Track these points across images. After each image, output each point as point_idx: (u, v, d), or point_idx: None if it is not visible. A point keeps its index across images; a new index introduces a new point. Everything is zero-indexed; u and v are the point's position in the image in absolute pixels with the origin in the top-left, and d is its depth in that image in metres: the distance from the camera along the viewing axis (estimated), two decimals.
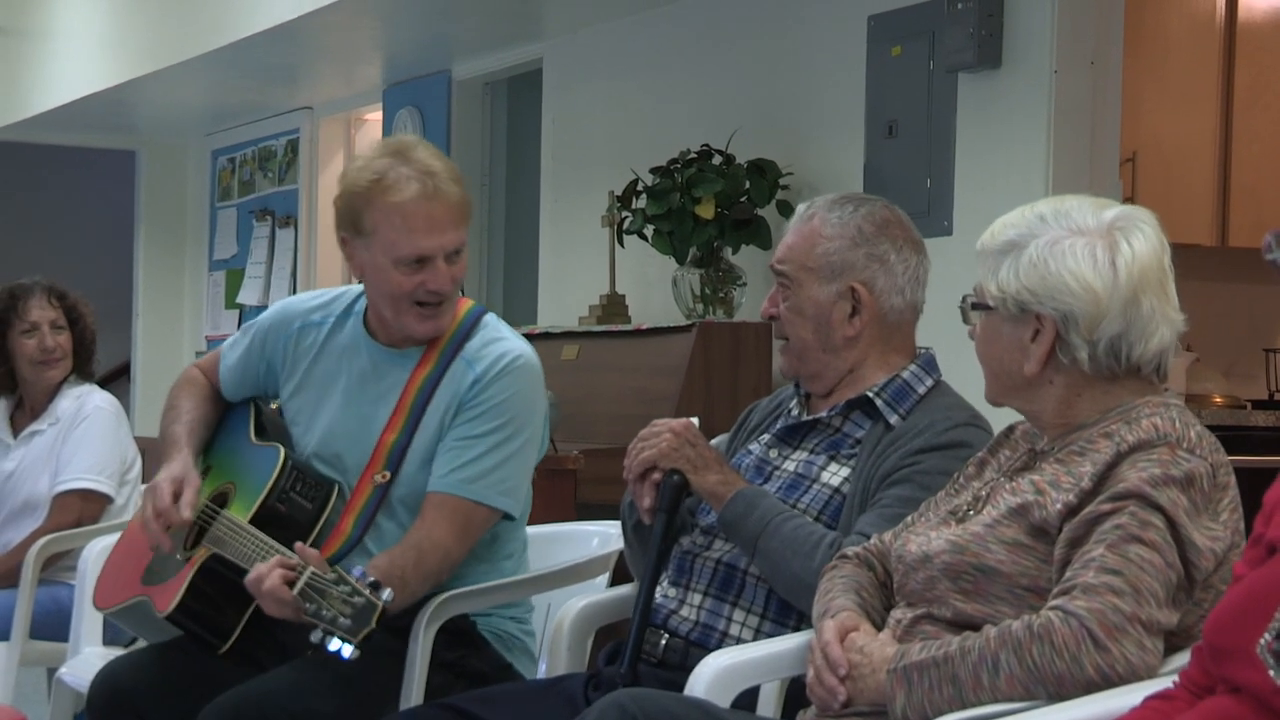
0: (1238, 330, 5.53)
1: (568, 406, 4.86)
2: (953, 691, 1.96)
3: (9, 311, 4.16)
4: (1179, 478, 1.99)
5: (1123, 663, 1.89)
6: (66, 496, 4.07)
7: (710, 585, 2.53)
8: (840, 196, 2.63)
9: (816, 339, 2.56)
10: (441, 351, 2.74)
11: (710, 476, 2.52)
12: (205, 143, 9.23)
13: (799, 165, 5.30)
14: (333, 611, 2.33)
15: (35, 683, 4.27)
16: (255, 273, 8.59)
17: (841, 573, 2.28)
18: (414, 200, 2.65)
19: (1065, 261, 2.09)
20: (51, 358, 4.15)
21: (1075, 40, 4.59)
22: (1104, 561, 1.94)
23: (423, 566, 2.61)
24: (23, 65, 8.77)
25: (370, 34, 6.81)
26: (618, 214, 5.56)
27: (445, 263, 2.69)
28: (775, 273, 2.60)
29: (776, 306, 2.60)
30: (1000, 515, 2.09)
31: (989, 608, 2.05)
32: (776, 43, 5.50)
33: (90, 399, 4.17)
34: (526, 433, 2.73)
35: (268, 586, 2.42)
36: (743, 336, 5.06)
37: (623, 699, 2.01)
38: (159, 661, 2.73)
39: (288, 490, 2.69)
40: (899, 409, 2.53)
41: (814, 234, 2.57)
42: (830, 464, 2.54)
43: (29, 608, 3.87)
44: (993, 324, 2.16)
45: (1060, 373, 2.12)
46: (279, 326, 2.89)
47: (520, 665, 2.82)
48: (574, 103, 6.42)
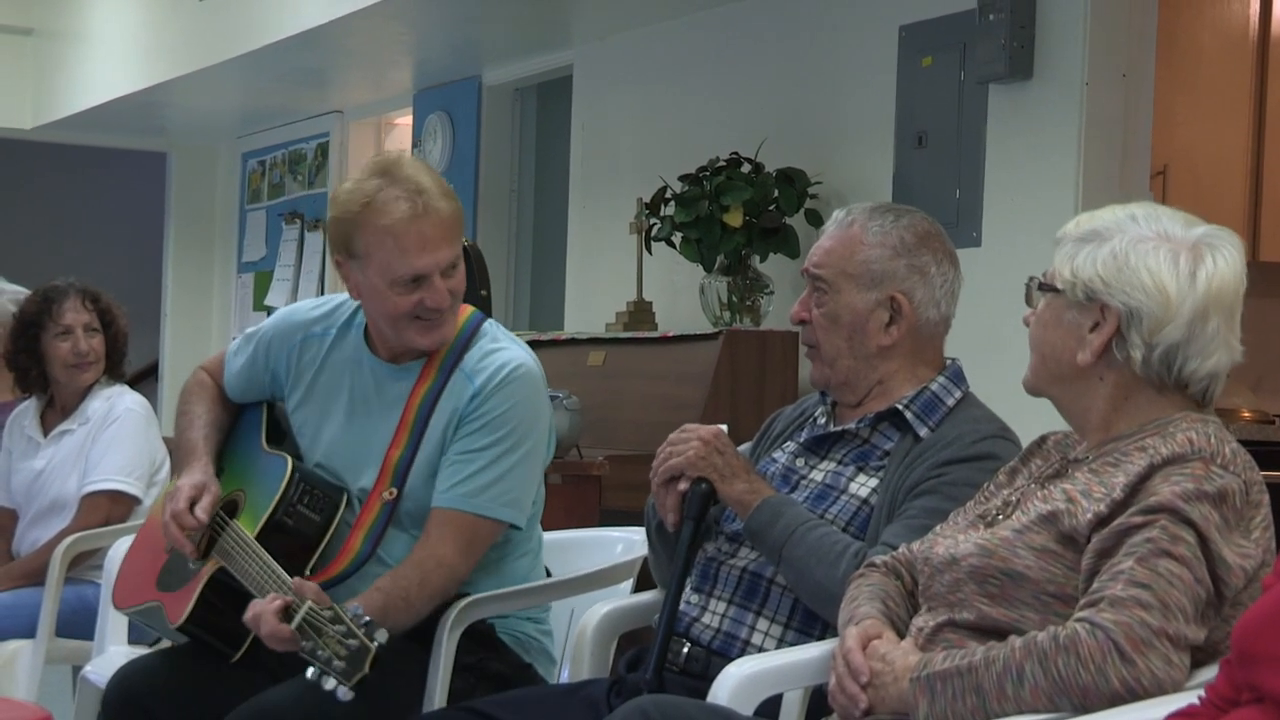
0: (1267, 344, 5.50)
1: (593, 412, 4.87)
2: (976, 701, 1.95)
3: (43, 314, 4.17)
4: (1212, 493, 1.98)
5: (1149, 676, 1.88)
6: (95, 497, 4.08)
7: (735, 593, 2.53)
8: (879, 206, 2.61)
9: (849, 346, 2.55)
10: (441, 364, 2.74)
11: (737, 485, 2.51)
12: (236, 145, 9.27)
13: (828, 174, 5.29)
14: (328, 653, 2.33)
15: (61, 681, 4.29)
16: (284, 275, 8.62)
17: (869, 581, 2.27)
18: (404, 221, 2.63)
19: (1146, 259, 2.07)
20: (84, 361, 4.17)
21: (1107, 52, 4.57)
22: (1133, 575, 1.93)
23: (428, 586, 2.62)
24: (56, 67, 8.83)
25: (400, 39, 6.83)
26: (646, 221, 5.56)
27: (441, 278, 2.68)
28: (811, 277, 2.58)
29: (808, 311, 2.58)
30: (1030, 521, 2.08)
31: (1014, 613, 2.05)
32: (807, 51, 5.50)
33: (121, 400, 4.18)
34: (529, 442, 2.73)
35: (266, 630, 2.44)
36: (769, 345, 5.05)
37: (645, 705, 2.01)
38: (172, 666, 2.75)
39: (294, 503, 2.70)
40: (928, 421, 2.52)
41: (855, 240, 2.55)
42: (859, 475, 2.53)
43: (55, 606, 3.88)
44: (1055, 308, 2.15)
45: (1111, 370, 2.11)
46: (282, 337, 2.89)
47: (540, 666, 2.83)
48: (603, 109, 6.42)
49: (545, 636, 2.88)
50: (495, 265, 6.72)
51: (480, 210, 7.27)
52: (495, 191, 7.32)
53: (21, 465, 4.21)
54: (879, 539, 2.42)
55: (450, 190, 2.72)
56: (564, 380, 4.98)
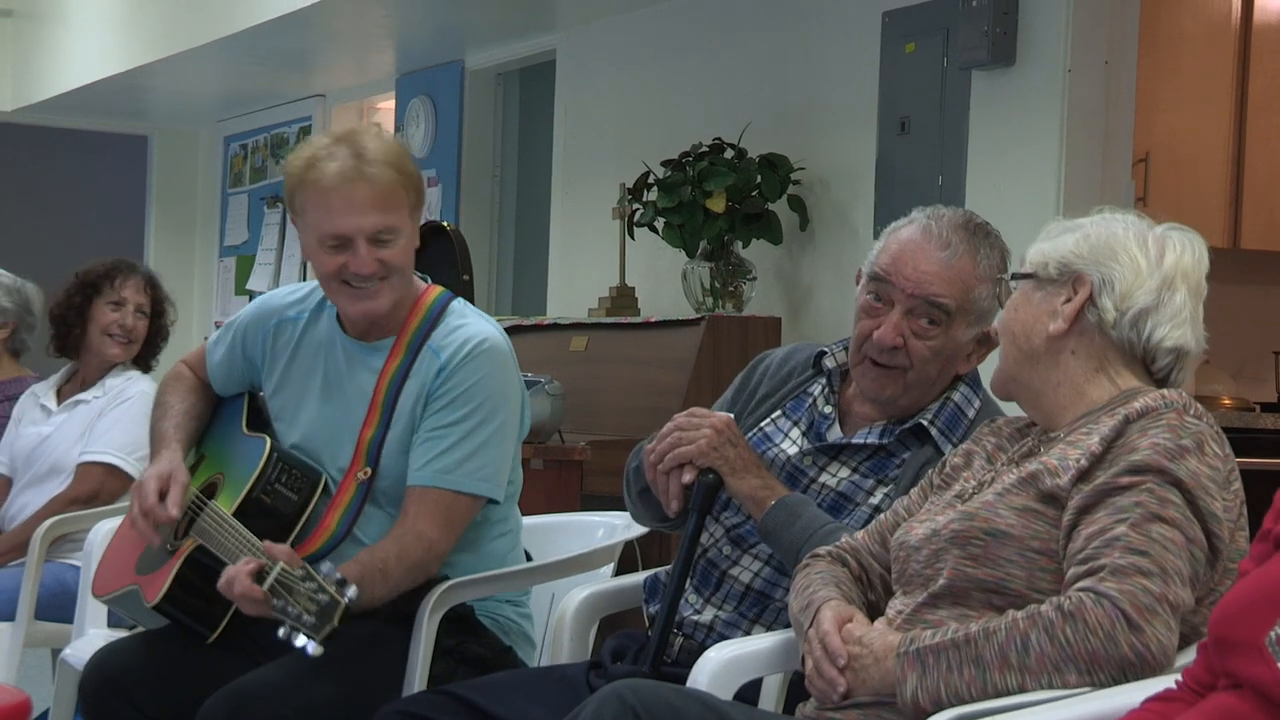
0: (1248, 332, 5.51)
1: (575, 398, 4.86)
2: (975, 672, 1.95)
3: (103, 280, 4.22)
4: (1190, 446, 2.01)
5: (1155, 643, 1.91)
6: (91, 466, 4.09)
7: (738, 606, 2.49)
8: (970, 224, 2.46)
9: (938, 375, 2.47)
10: (409, 342, 2.73)
11: (750, 480, 2.44)
12: (218, 129, 9.24)
13: (811, 160, 5.29)
14: (298, 608, 2.35)
15: (40, 664, 4.28)
16: (265, 259, 8.59)
17: (816, 569, 2.26)
18: (335, 180, 2.63)
19: (1117, 236, 2.16)
20: (125, 337, 4.20)
21: (1090, 39, 4.58)
22: (1129, 541, 1.95)
23: (405, 559, 2.61)
24: (37, 49, 8.79)
25: (383, 22, 6.81)
26: (628, 206, 5.56)
27: (370, 245, 2.65)
28: (928, 304, 2.41)
29: (901, 336, 2.43)
30: (1009, 485, 2.10)
31: (999, 571, 2.05)
32: (790, 37, 5.49)
33: (138, 383, 4.21)
34: (500, 415, 2.71)
35: (239, 590, 2.43)
36: (751, 330, 5.06)
37: (622, 690, 2.00)
38: (149, 648, 2.74)
39: (273, 482, 2.70)
40: (952, 437, 2.45)
41: (969, 274, 2.43)
42: (878, 488, 2.47)
43: (35, 588, 3.87)
44: (1026, 292, 2.20)
45: (1083, 339, 2.14)
46: (256, 324, 2.89)
47: (520, 650, 2.82)
48: (586, 94, 6.41)
49: (525, 620, 2.87)
50: (478, 250, 6.71)
51: (463, 195, 7.26)
52: (478, 176, 7.31)
53: (28, 430, 4.22)
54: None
55: (403, 163, 2.69)
56: (546, 365, 4.97)
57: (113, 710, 2.70)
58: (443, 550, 2.68)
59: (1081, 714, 1.87)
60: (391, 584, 2.60)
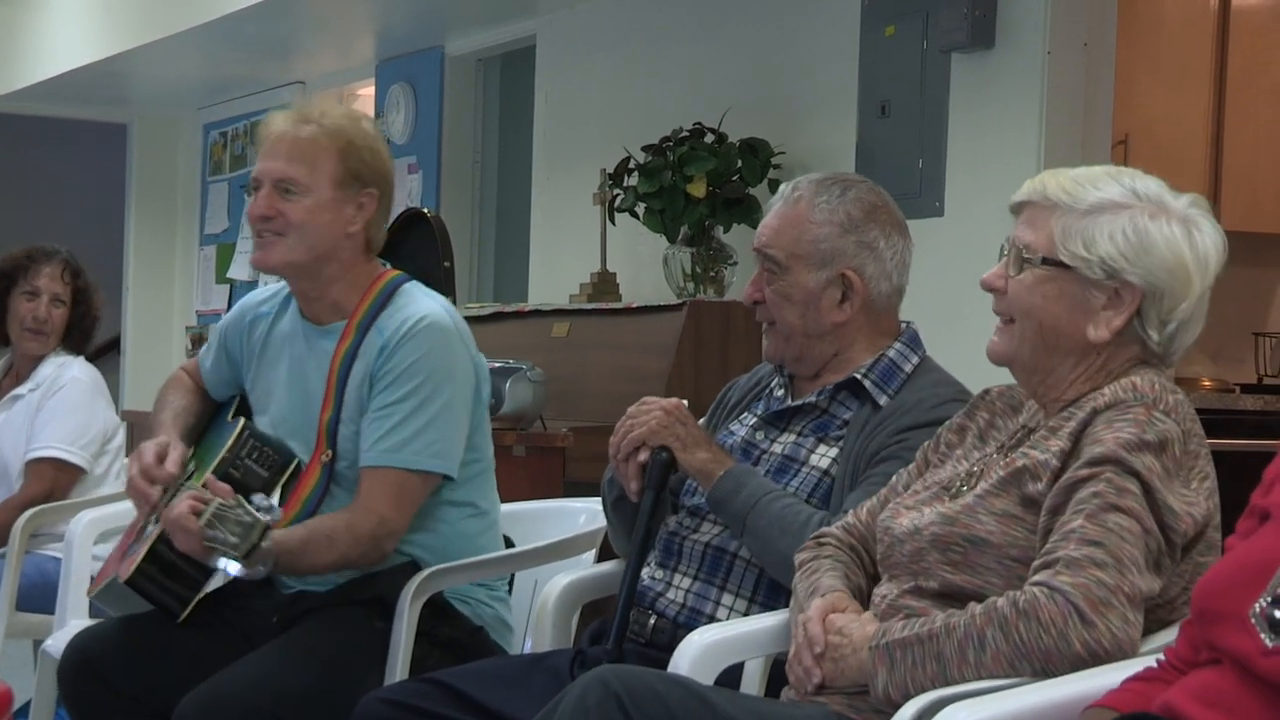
0: (1227, 314, 5.52)
1: (557, 384, 4.86)
2: (936, 669, 1.96)
3: (18, 270, 4.16)
4: (1153, 442, 1.98)
5: (1109, 637, 1.89)
6: (39, 465, 4.07)
7: (699, 569, 2.53)
8: (826, 178, 2.60)
9: (803, 324, 2.55)
10: (359, 324, 2.77)
11: (700, 454, 2.51)
12: (197, 116, 9.20)
13: (791, 145, 5.29)
14: (224, 533, 2.46)
15: (22, 655, 4.27)
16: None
17: (825, 553, 2.27)
18: (271, 132, 2.77)
19: (1164, 236, 2.06)
20: (39, 329, 4.15)
21: (1069, 22, 4.58)
22: (1084, 533, 1.93)
23: (355, 530, 2.65)
24: (14, 35, 8.74)
25: (363, 8, 6.79)
26: (609, 191, 5.55)
27: (272, 190, 2.72)
28: (763, 256, 2.58)
29: (760, 291, 2.59)
30: (992, 485, 2.08)
31: (978, 579, 2.05)
32: (770, 22, 5.49)
33: (69, 369, 4.17)
34: (447, 392, 2.72)
35: (174, 514, 2.51)
36: (733, 315, 5.05)
37: (606, 675, 2.00)
38: (126, 631, 2.76)
39: (243, 458, 2.74)
40: (887, 389, 2.52)
41: (802, 219, 2.56)
42: (819, 446, 2.53)
43: (15, 580, 3.86)
44: (1057, 281, 2.08)
45: (1119, 347, 2.09)
46: (235, 323, 2.95)
47: (494, 632, 2.84)
48: (567, 80, 6.40)
49: (498, 602, 2.88)
50: (459, 237, 6.69)
51: (444, 181, 7.25)
52: (458, 163, 7.29)
53: None
54: (841, 508, 2.42)
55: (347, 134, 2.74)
56: (528, 352, 4.97)
57: (90, 693, 2.71)
58: (395, 528, 2.70)
59: (1061, 695, 1.87)
60: (339, 552, 2.64)
